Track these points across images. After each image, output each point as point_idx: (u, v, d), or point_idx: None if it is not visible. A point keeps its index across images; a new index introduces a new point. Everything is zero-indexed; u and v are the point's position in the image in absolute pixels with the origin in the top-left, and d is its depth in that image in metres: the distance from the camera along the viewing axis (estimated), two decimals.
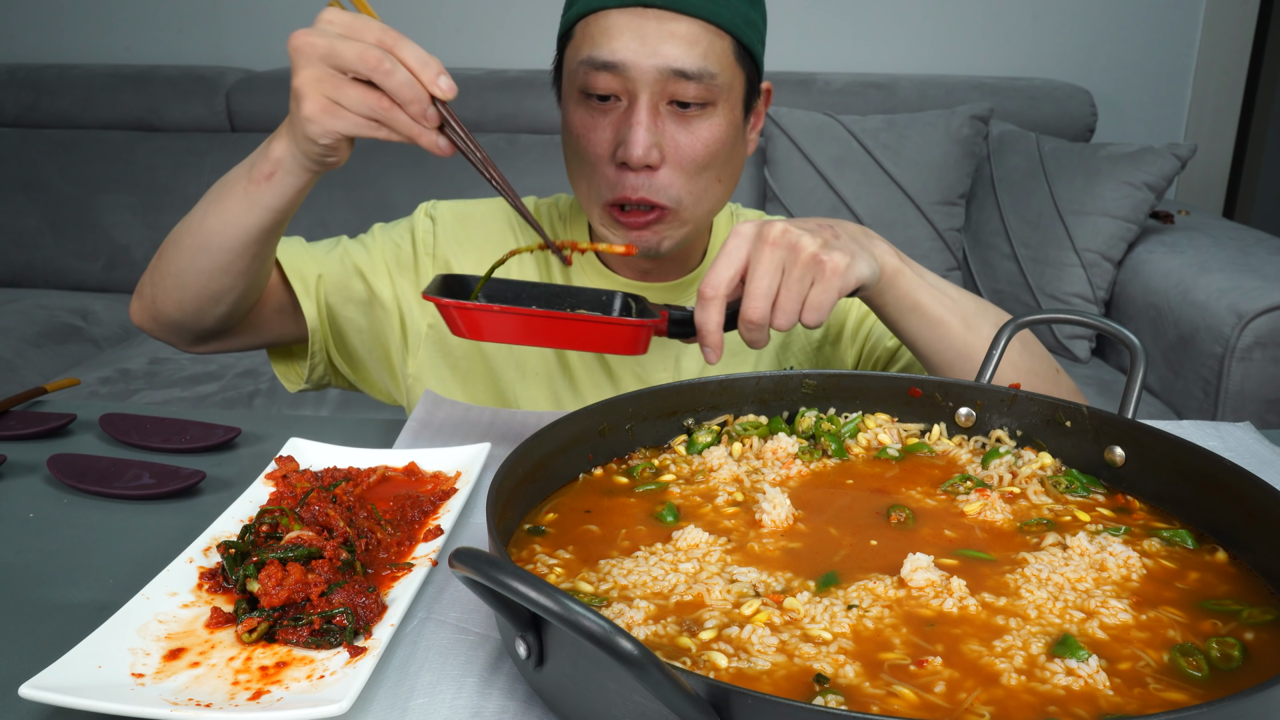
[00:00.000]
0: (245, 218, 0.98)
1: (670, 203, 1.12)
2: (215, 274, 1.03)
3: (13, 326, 2.55)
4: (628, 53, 1.07)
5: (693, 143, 1.11)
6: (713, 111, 1.11)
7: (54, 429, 1.00)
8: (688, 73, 1.07)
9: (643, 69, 1.07)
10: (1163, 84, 3.03)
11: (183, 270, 1.04)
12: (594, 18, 1.09)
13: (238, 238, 1.00)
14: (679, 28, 1.07)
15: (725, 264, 0.91)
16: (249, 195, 0.97)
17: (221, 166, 2.85)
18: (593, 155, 1.12)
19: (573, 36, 1.13)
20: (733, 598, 0.64)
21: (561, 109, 1.19)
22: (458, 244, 1.27)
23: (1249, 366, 2.01)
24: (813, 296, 0.91)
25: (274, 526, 0.73)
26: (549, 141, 2.88)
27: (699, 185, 1.13)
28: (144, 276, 1.11)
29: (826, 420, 0.88)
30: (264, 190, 0.96)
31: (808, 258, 0.91)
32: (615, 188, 1.11)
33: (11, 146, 3.01)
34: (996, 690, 0.55)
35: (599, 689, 0.51)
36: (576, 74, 1.11)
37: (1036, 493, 0.79)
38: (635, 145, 1.07)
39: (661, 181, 1.11)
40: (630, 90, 1.08)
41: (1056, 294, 2.45)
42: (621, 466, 0.83)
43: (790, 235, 0.91)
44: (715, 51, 1.09)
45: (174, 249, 1.05)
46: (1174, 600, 0.65)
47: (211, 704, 0.57)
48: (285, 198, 0.97)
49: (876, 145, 2.61)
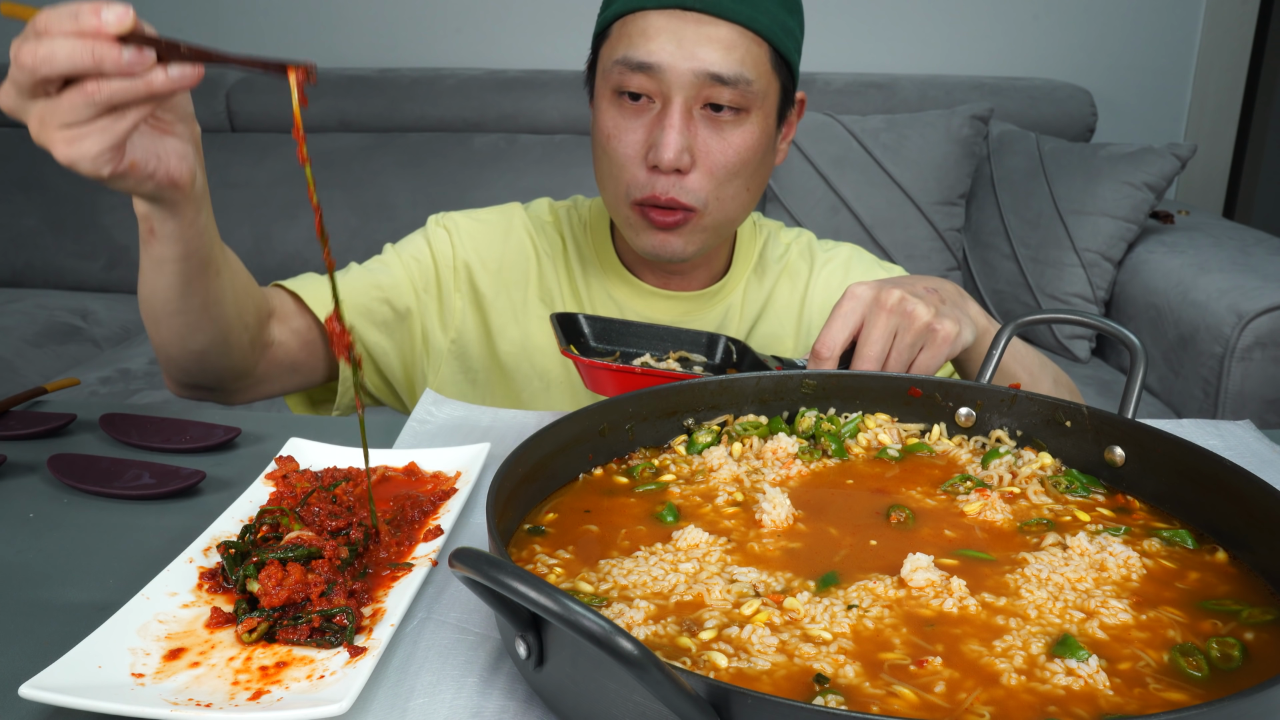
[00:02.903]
0: (161, 278, 0.93)
1: (698, 205, 1.11)
2: (184, 335, 0.99)
3: (13, 326, 2.55)
4: (664, 54, 1.06)
5: (724, 149, 1.10)
6: (746, 118, 1.11)
7: (54, 429, 1.00)
8: (724, 77, 1.06)
9: (678, 71, 1.06)
10: (1163, 84, 3.03)
11: (162, 344, 1.01)
12: (631, 18, 1.09)
13: (170, 297, 0.94)
14: (717, 32, 1.06)
15: (840, 325, 0.95)
16: (149, 257, 0.92)
17: (221, 166, 2.90)
18: (622, 155, 1.11)
19: (609, 35, 1.12)
20: (733, 598, 0.64)
21: (593, 108, 1.18)
22: (477, 253, 1.27)
23: (1249, 366, 2.01)
24: (921, 360, 0.97)
25: (274, 526, 0.73)
26: (549, 141, 2.88)
27: (727, 192, 1.13)
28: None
29: (826, 420, 0.88)
30: (155, 246, 0.90)
31: (921, 326, 0.95)
32: (644, 188, 1.11)
33: (11, 146, 3.01)
34: (996, 690, 0.55)
35: (599, 689, 0.51)
36: (611, 73, 1.10)
37: (1036, 493, 0.79)
38: (667, 148, 1.07)
39: (691, 185, 1.10)
40: (664, 92, 1.08)
41: (1056, 294, 2.45)
42: (621, 466, 0.83)
43: (907, 304, 0.95)
44: (752, 57, 1.08)
45: (147, 327, 1.02)
46: (1174, 600, 0.65)
47: (211, 704, 0.57)
48: (180, 242, 0.90)
49: (876, 145, 2.61)
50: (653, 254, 1.16)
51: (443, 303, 1.26)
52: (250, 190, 2.85)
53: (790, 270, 1.32)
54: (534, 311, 1.27)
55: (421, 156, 2.85)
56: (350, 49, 3.13)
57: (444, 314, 1.26)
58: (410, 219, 1.25)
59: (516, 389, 1.26)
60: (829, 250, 1.35)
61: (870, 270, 1.33)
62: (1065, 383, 1.16)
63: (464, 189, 2.77)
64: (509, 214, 1.31)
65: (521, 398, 1.26)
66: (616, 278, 1.26)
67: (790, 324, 1.30)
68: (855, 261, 1.34)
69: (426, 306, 1.24)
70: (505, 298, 1.27)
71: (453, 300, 1.26)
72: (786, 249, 1.33)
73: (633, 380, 0.91)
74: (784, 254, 1.33)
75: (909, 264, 2.58)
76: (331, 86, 2.94)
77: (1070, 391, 1.16)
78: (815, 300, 1.31)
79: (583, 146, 2.85)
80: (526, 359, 1.26)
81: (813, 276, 1.32)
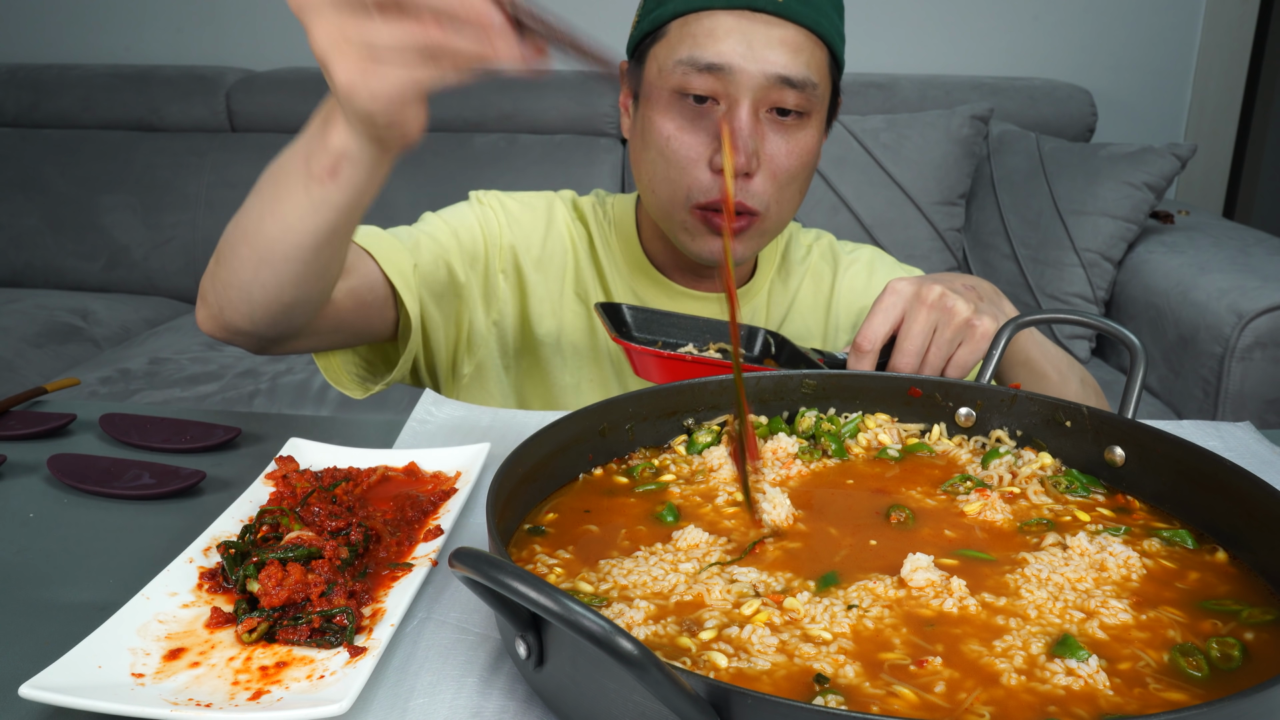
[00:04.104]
0: (310, 221, 0.81)
1: (761, 208, 1.10)
2: (285, 286, 0.87)
3: (13, 326, 2.55)
4: (734, 56, 1.04)
5: (789, 152, 1.09)
6: (808, 121, 1.10)
7: (54, 429, 1.00)
8: (793, 80, 1.05)
9: (749, 74, 1.04)
10: (1163, 84, 3.03)
11: (246, 283, 0.88)
12: (695, 16, 1.06)
13: (304, 244, 0.83)
14: (785, 34, 1.05)
15: (882, 319, 0.96)
16: (311, 195, 0.79)
17: (221, 166, 2.90)
18: (684, 158, 1.09)
19: (665, 34, 1.09)
20: (733, 598, 0.64)
21: (639, 108, 1.15)
22: (524, 237, 1.24)
23: (1249, 366, 2.01)
24: (960, 355, 0.97)
25: (274, 526, 0.73)
26: (549, 141, 2.88)
27: (786, 195, 1.12)
28: (205, 281, 0.95)
29: (826, 420, 0.88)
30: (329, 189, 0.78)
31: (961, 321, 0.96)
32: (709, 191, 1.09)
33: (11, 146, 3.01)
34: (996, 690, 0.55)
35: (599, 689, 0.51)
36: (672, 73, 1.07)
37: (1036, 493, 0.79)
38: (739, 152, 1.05)
39: (755, 188, 1.09)
40: (731, 94, 1.06)
41: (1056, 294, 2.45)
42: (621, 466, 0.83)
43: (947, 299, 0.96)
44: (816, 61, 1.08)
45: (232, 258, 0.89)
46: (1174, 600, 0.65)
47: (211, 704, 0.57)
48: (357, 191, 0.79)
49: (876, 145, 2.61)
50: (709, 259, 1.14)
51: (488, 281, 1.22)
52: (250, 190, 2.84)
53: (814, 272, 1.32)
54: (569, 304, 1.25)
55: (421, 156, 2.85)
56: None
57: (488, 293, 1.22)
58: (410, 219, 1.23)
59: (550, 380, 1.24)
60: (851, 253, 1.35)
61: (893, 272, 1.33)
62: (1091, 384, 1.16)
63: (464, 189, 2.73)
64: (551, 202, 1.28)
65: (553, 390, 1.25)
66: (644, 276, 1.25)
67: (817, 325, 1.30)
68: (878, 264, 1.34)
69: (472, 282, 1.20)
70: (544, 287, 1.24)
71: (497, 281, 1.23)
72: (809, 250, 1.33)
73: (682, 368, 0.92)
74: (806, 255, 1.33)
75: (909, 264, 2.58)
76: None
77: (1096, 393, 1.16)
78: (840, 301, 1.31)
79: (583, 147, 2.85)
80: (558, 351, 1.25)
81: (837, 278, 1.32)
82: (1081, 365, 1.17)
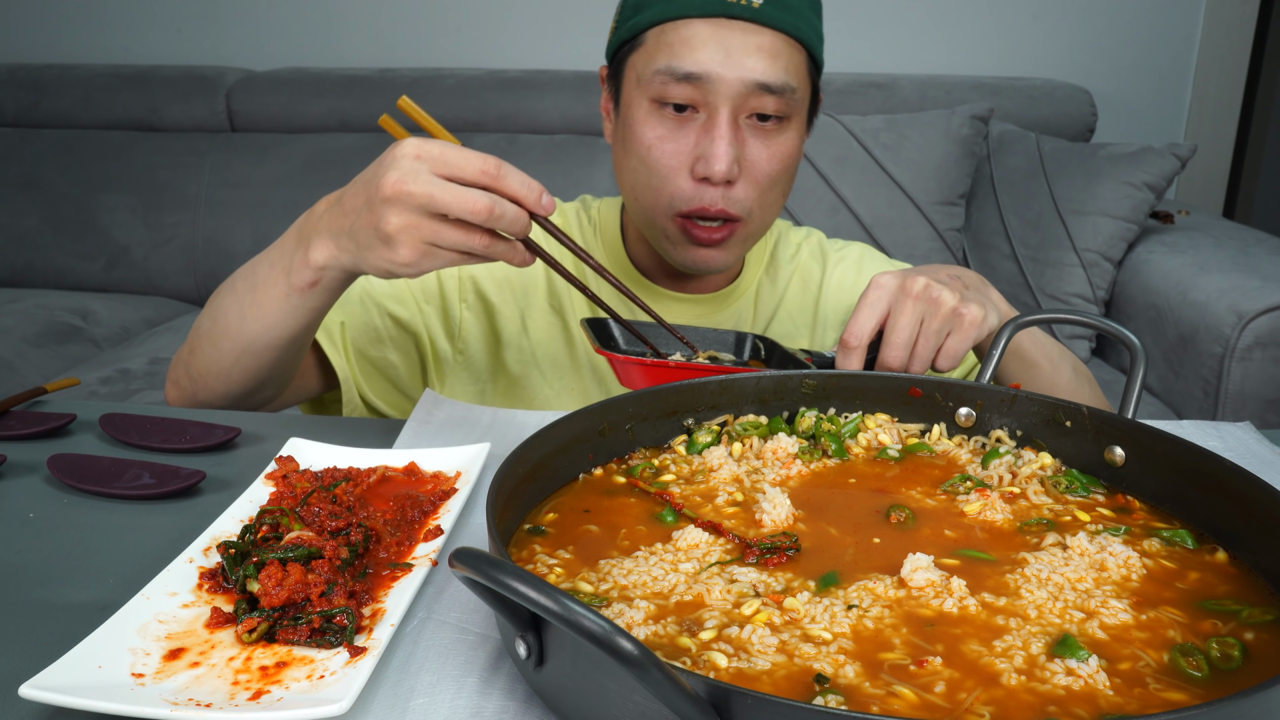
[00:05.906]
0: (289, 321, 0.94)
1: (743, 214, 1.10)
2: (263, 368, 1.00)
3: (13, 326, 2.55)
4: (712, 64, 1.04)
5: (770, 157, 1.09)
6: (788, 125, 1.10)
7: (54, 429, 1.00)
8: (772, 86, 1.05)
9: (727, 81, 1.04)
10: (1163, 84, 3.03)
11: (226, 370, 1.00)
12: (672, 25, 1.06)
13: (285, 337, 0.95)
14: (762, 40, 1.05)
15: (868, 314, 0.95)
16: (291, 301, 0.92)
17: (221, 166, 2.90)
18: (666, 166, 1.09)
19: (643, 43, 1.09)
20: (733, 598, 0.64)
21: (619, 114, 1.15)
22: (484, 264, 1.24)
23: (1249, 366, 2.01)
24: (949, 345, 0.97)
25: (274, 526, 0.73)
26: (549, 141, 2.88)
27: (769, 199, 1.12)
28: (176, 368, 1.07)
29: (826, 420, 0.88)
30: (308, 297, 0.91)
31: (948, 311, 0.95)
32: (691, 200, 1.09)
33: (11, 146, 3.00)
34: (996, 690, 0.55)
35: (599, 689, 0.51)
36: (651, 82, 1.08)
37: (1036, 493, 0.79)
38: (719, 160, 1.05)
39: (736, 195, 1.09)
40: (710, 102, 1.06)
41: (1056, 294, 2.45)
42: (621, 466, 0.83)
43: (932, 290, 0.95)
44: (794, 65, 1.08)
45: (212, 349, 1.00)
46: (1174, 600, 0.65)
47: (211, 704, 0.57)
48: (335, 295, 0.93)
49: (876, 145, 2.61)
50: (692, 267, 1.15)
51: (447, 314, 1.23)
52: (250, 190, 2.84)
53: (802, 270, 1.32)
54: (543, 319, 1.24)
55: None
56: (350, 49, 3.12)
57: (448, 325, 1.23)
58: None
59: (527, 399, 1.24)
60: (840, 250, 1.34)
61: (881, 267, 1.33)
62: (1084, 372, 1.16)
63: None
64: None
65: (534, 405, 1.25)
66: (629, 281, 1.24)
67: (804, 323, 1.30)
68: (867, 260, 1.34)
69: (429, 317, 1.21)
70: (514, 306, 1.24)
71: (458, 312, 1.23)
72: (797, 249, 1.33)
73: (666, 374, 0.92)
74: (795, 254, 1.32)
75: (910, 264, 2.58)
76: (331, 86, 2.94)
77: (1089, 381, 1.16)
78: (829, 299, 1.30)
79: (583, 146, 2.85)
80: (536, 367, 1.24)
81: (825, 276, 1.31)
82: (1074, 355, 1.16)
